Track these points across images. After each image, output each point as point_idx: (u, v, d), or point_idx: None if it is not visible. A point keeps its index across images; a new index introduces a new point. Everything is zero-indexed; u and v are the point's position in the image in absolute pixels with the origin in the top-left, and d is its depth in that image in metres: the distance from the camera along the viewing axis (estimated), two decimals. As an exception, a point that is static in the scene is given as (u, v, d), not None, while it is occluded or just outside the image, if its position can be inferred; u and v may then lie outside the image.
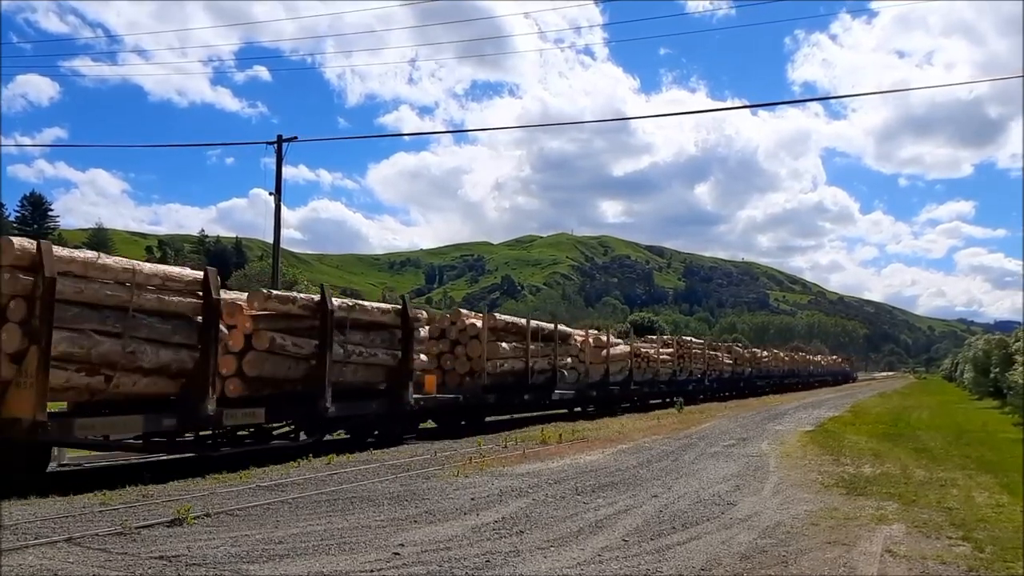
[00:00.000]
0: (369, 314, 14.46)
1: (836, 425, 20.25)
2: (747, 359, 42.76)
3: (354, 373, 13.91)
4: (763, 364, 46.13)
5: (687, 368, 32.43)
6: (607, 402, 25.04)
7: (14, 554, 6.15)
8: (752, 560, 6.32)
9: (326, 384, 12.82)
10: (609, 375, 24.85)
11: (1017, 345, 25.12)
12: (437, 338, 18.19)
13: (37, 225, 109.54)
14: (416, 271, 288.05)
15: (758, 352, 47.31)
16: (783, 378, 50.68)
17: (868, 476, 11.01)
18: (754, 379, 43.04)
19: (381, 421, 14.72)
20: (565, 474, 10.82)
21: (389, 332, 14.86)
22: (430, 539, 6.83)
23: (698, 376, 33.59)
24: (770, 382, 46.68)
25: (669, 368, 30.43)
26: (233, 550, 6.36)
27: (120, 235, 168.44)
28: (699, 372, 33.74)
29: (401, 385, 14.78)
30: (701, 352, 34.80)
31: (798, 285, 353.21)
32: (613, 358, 25.30)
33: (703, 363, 34.31)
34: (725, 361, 38.20)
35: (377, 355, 14.38)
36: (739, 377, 40.37)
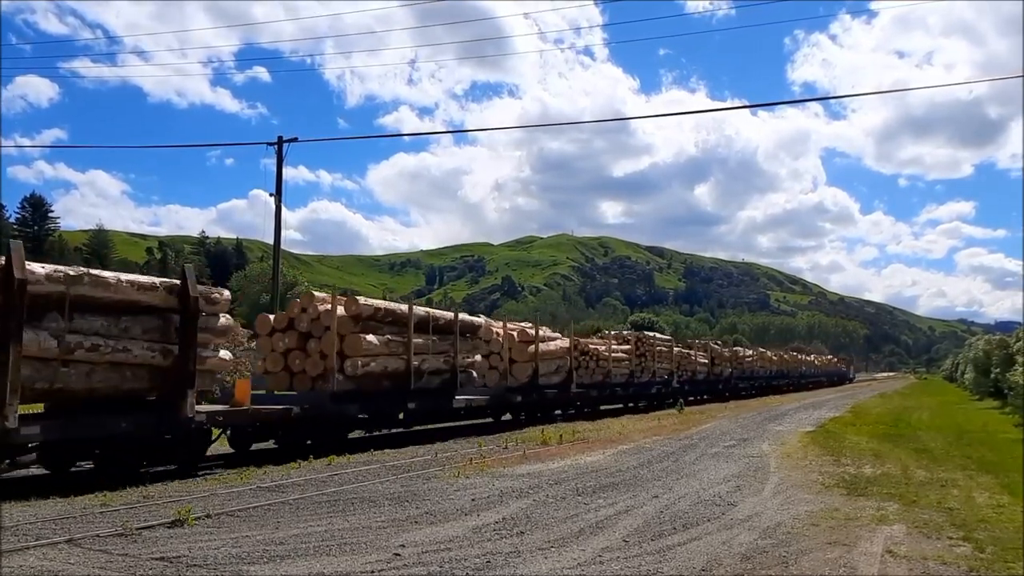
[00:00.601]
0: (114, 290, 10.10)
1: (837, 426, 20.25)
2: (727, 359, 39.21)
3: (87, 376, 9.79)
4: (747, 364, 42.80)
5: (650, 368, 28.67)
6: (538, 408, 21.57)
7: (15, 555, 6.15)
8: (753, 560, 6.31)
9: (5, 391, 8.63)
10: (539, 376, 20.92)
11: (1018, 345, 25.12)
12: (284, 330, 14.62)
13: (37, 226, 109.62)
14: (416, 272, 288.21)
15: (740, 351, 43.55)
16: (770, 379, 47.40)
17: (869, 477, 11.01)
18: (736, 381, 39.62)
19: (146, 444, 10.70)
20: (565, 475, 10.82)
21: (159, 318, 10.79)
22: (431, 540, 6.83)
23: (664, 377, 30.13)
24: (754, 384, 43.46)
25: (626, 368, 26.92)
26: (234, 551, 6.36)
27: (120, 236, 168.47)
28: (666, 373, 30.19)
29: (178, 393, 10.70)
30: (668, 350, 31.09)
31: (798, 286, 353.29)
32: (545, 355, 21.42)
33: (671, 362, 30.81)
34: (699, 360, 34.75)
35: (132, 350, 10.23)
36: (717, 378, 37.11)
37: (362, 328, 14.50)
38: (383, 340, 14.78)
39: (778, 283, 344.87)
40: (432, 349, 16.15)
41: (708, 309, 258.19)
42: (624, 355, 27.00)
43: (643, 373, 28.22)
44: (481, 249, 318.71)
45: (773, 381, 48.03)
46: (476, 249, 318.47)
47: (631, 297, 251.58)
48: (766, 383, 46.13)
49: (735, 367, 40.07)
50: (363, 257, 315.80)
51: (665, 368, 30.17)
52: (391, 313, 15.36)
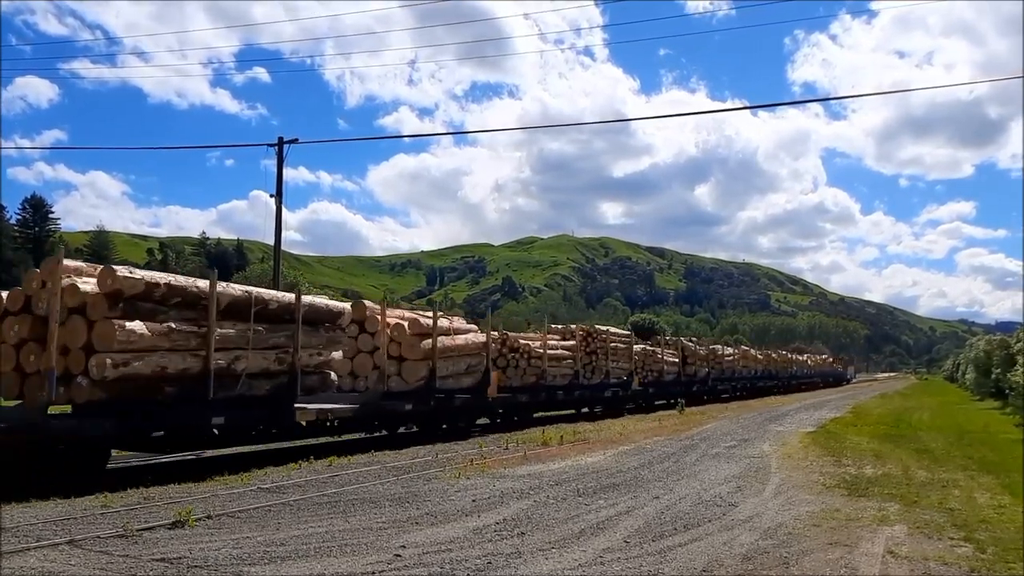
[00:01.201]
0: None
1: (837, 426, 20.24)
2: (703, 358, 35.09)
3: None
4: (727, 364, 38.50)
5: (602, 368, 24.64)
6: (442, 418, 16.81)
7: (15, 556, 6.15)
8: (754, 561, 6.31)
9: None
10: (435, 378, 15.94)
11: (1018, 346, 25.10)
12: (17, 313, 10.35)
13: (38, 228, 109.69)
14: (417, 273, 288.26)
15: (719, 349, 38.87)
16: (756, 381, 43.49)
17: (870, 477, 11.00)
18: (714, 383, 35.82)
19: None
20: (566, 475, 10.81)
21: None
22: (431, 541, 6.82)
23: (623, 378, 26.29)
24: (737, 386, 39.51)
25: (568, 368, 23.01)
26: (234, 552, 6.36)
27: (121, 237, 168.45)
28: (624, 373, 26.37)
29: None
30: (627, 347, 27.02)
31: (799, 286, 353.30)
32: (449, 352, 16.67)
33: (630, 361, 26.92)
34: (667, 360, 30.81)
35: None
36: (691, 380, 33.10)
37: (124, 312, 10.03)
38: (161, 329, 10.33)
39: (779, 283, 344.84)
40: (255, 343, 11.65)
41: (709, 309, 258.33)
42: (566, 353, 23.18)
43: (593, 374, 24.34)
44: (481, 250, 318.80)
45: (759, 383, 44.21)
46: (476, 250, 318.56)
47: (632, 298, 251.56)
48: (750, 385, 42.29)
49: (713, 367, 36.18)
50: (364, 258, 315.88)
51: (623, 368, 26.31)
52: (178, 291, 10.70)
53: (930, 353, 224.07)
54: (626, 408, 25.69)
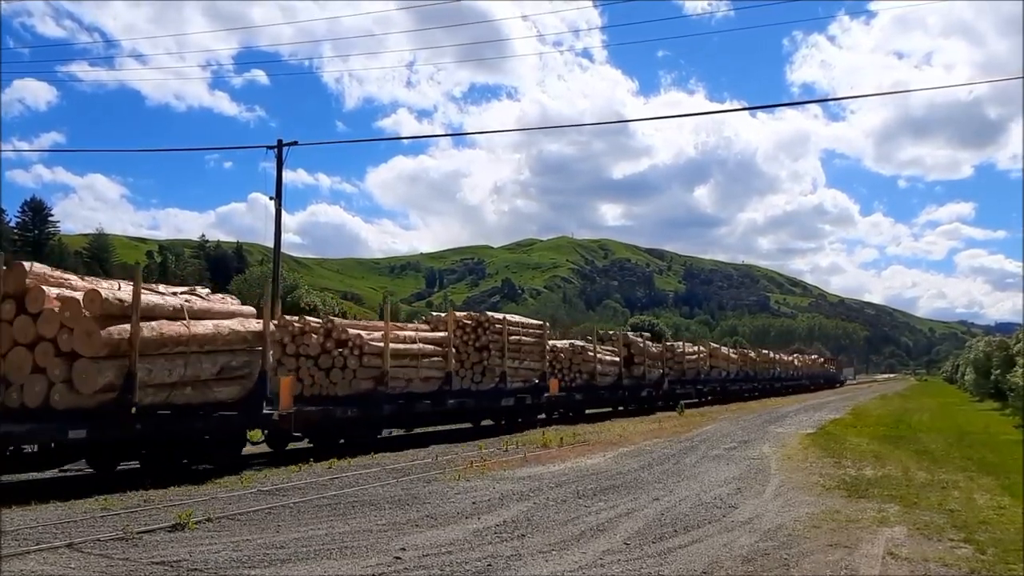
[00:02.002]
0: None
1: (837, 427, 20.24)
2: (656, 357, 29.54)
3: None
4: (689, 364, 33.08)
5: (495, 369, 18.80)
6: (159, 450, 11.02)
7: (15, 560, 6.14)
8: (754, 563, 6.31)
9: None
10: (135, 388, 10.03)
11: (1018, 347, 25.11)
12: None
13: (37, 231, 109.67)
14: (416, 275, 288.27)
15: (679, 346, 33.57)
16: (727, 383, 38.11)
17: (869, 478, 11.00)
18: (673, 386, 30.68)
19: None
20: (566, 477, 10.81)
21: None
22: (432, 543, 6.82)
23: (535, 382, 20.51)
24: (701, 390, 34.45)
25: (436, 370, 16.74)
26: (235, 555, 6.35)
27: (120, 240, 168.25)
28: (535, 376, 20.57)
29: None
30: (536, 343, 20.83)
31: (798, 287, 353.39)
32: (172, 344, 10.65)
33: (541, 361, 20.93)
34: (605, 359, 25.36)
35: None
36: (639, 384, 27.72)
37: None
38: None
39: (778, 285, 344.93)
40: None
41: (708, 311, 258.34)
42: (433, 348, 16.78)
43: (482, 377, 18.62)
44: (481, 252, 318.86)
45: (732, 386, 38.80)
46: (476, 252, 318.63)
47: (631, 299, 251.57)
48: (721, 388, 37.11)
49: (671, 367, 31.17)
50: (363, 260, 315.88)
51: (530, 369, 20.49)
52: None
53: (929, 354, 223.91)
54: (539, 420, 20.59)
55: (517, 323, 20.94)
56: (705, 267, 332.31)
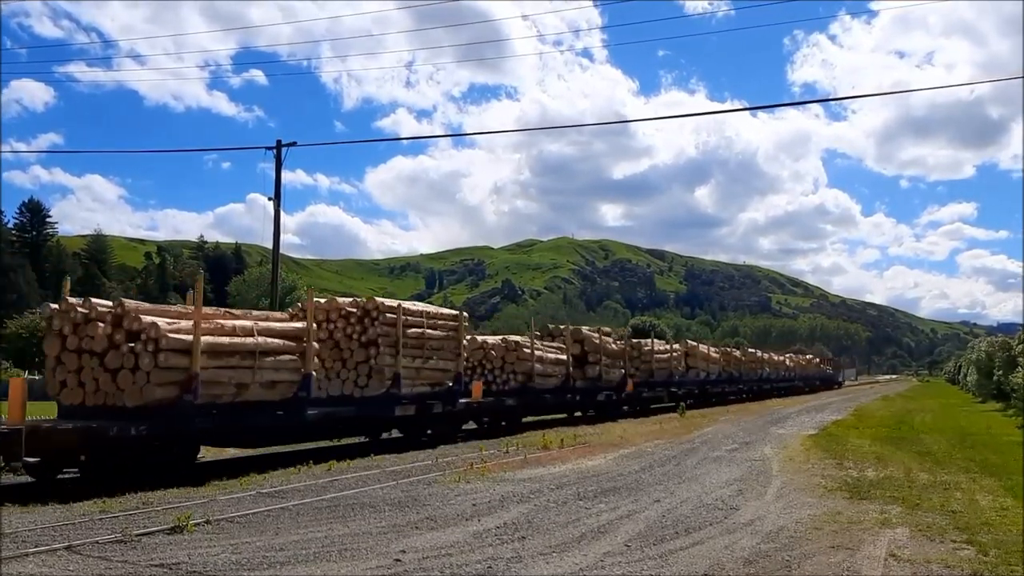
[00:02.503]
0: None
1: (839, 429, 20.22)
2: (615, 355, 25.36)
3: None
4: (659, 364, 28.98)
5: (385, 371, 15.11)
6: None
7: (13, 562, 6.12)
8: (755, 565, 6.28)
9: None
10: None
11: (1020, 347, 25.08)
12: None
13: (36, 232, 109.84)
14: (416, 276, 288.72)
15: (644, 343, 29.16)
16: (706, 386, 34.30)
17: (871, 480, 10.97)
18: (641, 389, 27.07)
19: None
20: (567, 479, 10.79)
21: None
22: (432, 545, 6.80)
23: (448, 385, 16.87)
24: (675, 393, 30.24)
25: (290, 372, 12.40)
26: (233, 557, 6.33)
27: (119, 241, 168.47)
28: (448, 379, 16.89)
29: None
30: (448, 338, 17.05)
31: (800, 288, 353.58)
32: None
33: (454, 360, 17.02)
34: (548, 357, 21.32)
35: None
36: (593, 387, 23.66)
37: None
38: None
39: (779, 285, 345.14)
40: None
41: (709, 312, 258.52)
42: (283, 343, 12.40)
43: (368, 380, 15.03)
44: (481, 252, 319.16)
45: (713, 388, 35.44)
46: (476, 252, 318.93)
47: (632, 300, 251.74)
48: (699, 391, 33.40)
49: (637, 368, 27.46)
50: (363, 261, 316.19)
51: (440, 370, 16.71)
52: None
53: (931, 355, 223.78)
54: (458, 431, 17.62)
55: (419, 312, 16.80)
56: (706, 268, 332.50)
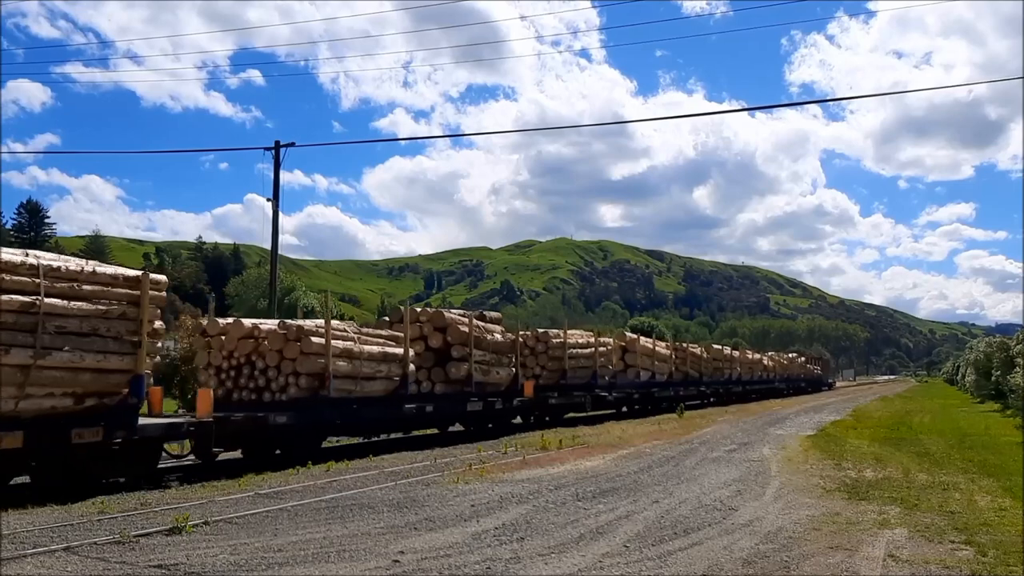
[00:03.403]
0: None
1: (837, 429, 20.22)
2: (505, 349, 19.20)
3: None
4: (577, 363, 22.93)
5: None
6: None
7: (12, 563, 6.12)
8: (754, 565, 6.28)
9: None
10: None
11: (1018, 348, 25.09)
12: None
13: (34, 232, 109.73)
14: (415, 277, 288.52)
15: (555, 336, 22.57)
16: (651, 389, 27.89)
17: (870, 480, 10.97)
18: (543, 395, 20.69)
19: None
20: (566, 480, 10.78)
21: None
22: (430, 546, 6.79)
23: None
24: (603, 398, 24.01)
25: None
26: (232, 558, 6.32)
27: (117, 242, 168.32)
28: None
29: None
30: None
31: (799, 289, 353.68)
32: None
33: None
34: (365, 353, 14.59)
35: None
36: (461, 393, 17.31)
37: None
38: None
39: (778, 286, 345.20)
40: None
41: (708, 313, 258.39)
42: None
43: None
44: (480, 253, 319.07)
45: (661, 392, 28.75)
46: (475, 253, 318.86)
47: (631, 301, 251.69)
48: (642, 396, 27.05)
49: (544, 367, 21.81)
50: (361, 262, 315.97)
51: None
52: None
53: (930, 356, 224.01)
54: None
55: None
56: (705, 268, 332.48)
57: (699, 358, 34.12)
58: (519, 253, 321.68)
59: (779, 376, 48.94)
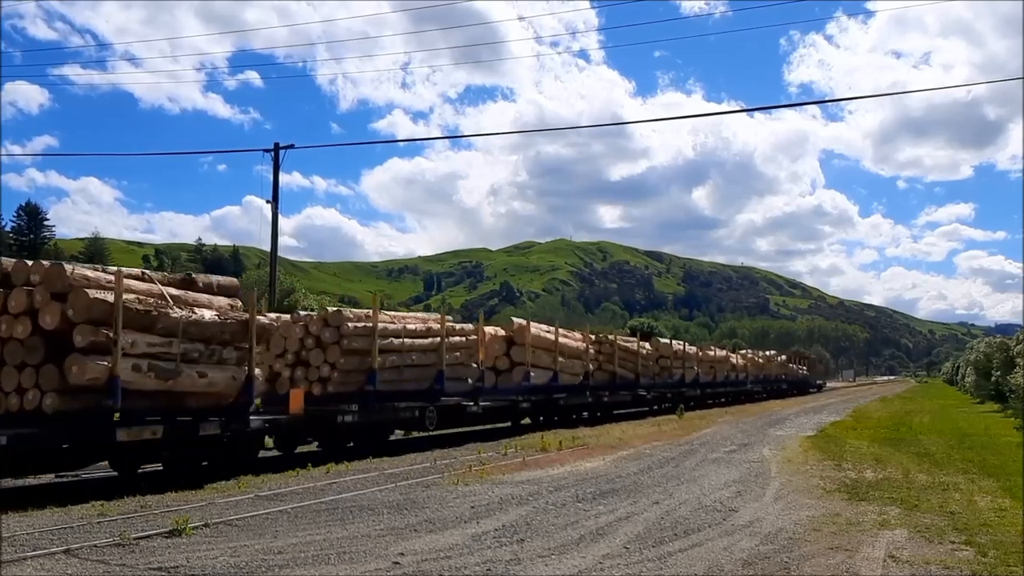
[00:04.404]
0: None
1: (837, 430, 20.23)
2: (312, 339, 14.81)
3: None
4: (412, 358, 15.91)
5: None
6: None
7: (12, 566, 6.11)
8: (754, 566, 6.28)
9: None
10: None
11: (1018, 348, 25.11)
12: None
13: (33, 235, 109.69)
14: (414, 278, 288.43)
15: (348, 318, 14.92)
16: (553, 393, 20.97)
17: (870, 481, 10.98)
18: (375, 400, 14.78)
19: None
20: (565, 481, 10.78)
21: None
22: (430, 548, 6.79)
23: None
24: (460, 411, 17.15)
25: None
26: (232, 560, 6.32)
27: (116, 244, 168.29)
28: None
29: None
30: None
31: (798, 289, 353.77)
32: None
33: None
34: None
35: None
36: None
37: None
38: None
39: (777, 287, 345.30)
40: None
41: (707, 313, 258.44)
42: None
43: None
44: (479, 255, 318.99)
45: (573, 398, 22.35)
46: (474, 255, 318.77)
47: (630, 302, 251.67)
48: (535, 404, 20.34)
49: (332, 367, 14.68)
50: (360, 264, 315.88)
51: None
52: None
53: (930, 356, 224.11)
54: None
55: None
56: (704, 269, 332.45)
57: (634, 354, 27.03)
58: (518, 254, 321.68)
59: (755, 377, 42.18)
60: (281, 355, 14.98)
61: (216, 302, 12.07)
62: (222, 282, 12.81)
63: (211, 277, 12.85)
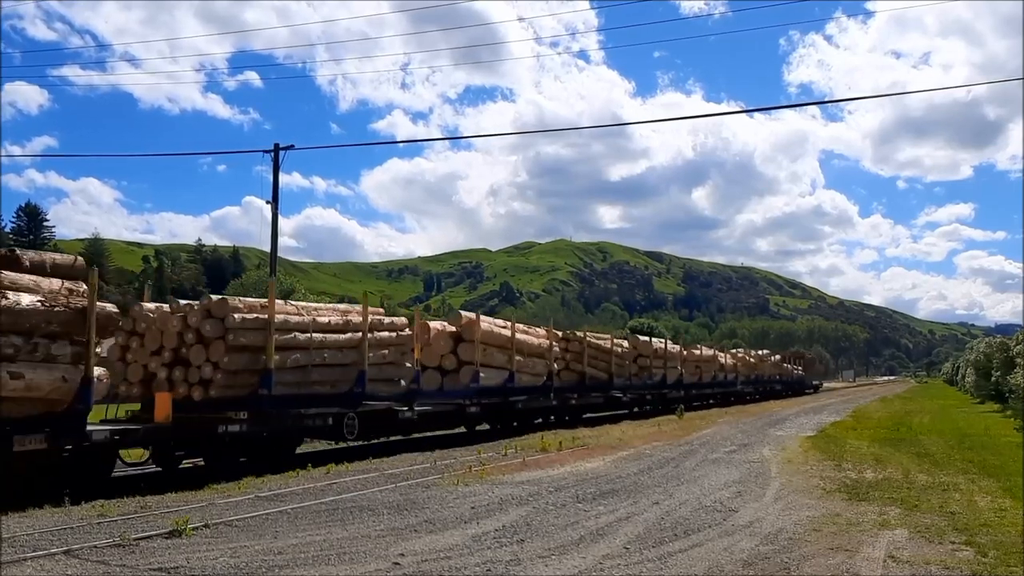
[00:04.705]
0: None
1: (837, 430, 20.23)
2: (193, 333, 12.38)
3: None
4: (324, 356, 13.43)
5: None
6: None
7: (12, 567, 6.11)
8: (754, 567, 6.28)
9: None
10: None
11: (1018, 348, 25.10)
12: None
13: (33, 236, 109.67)
14: (414, 279, 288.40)
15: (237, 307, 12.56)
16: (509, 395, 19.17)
17: (870, 481, 10.98)
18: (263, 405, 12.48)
19: None
20: (565, 482, 10.78)
21: None
22: (430, 548, 6.79)
23: None
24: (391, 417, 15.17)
25: None
26: (232, 561, 6.32)
27: (116, 245, 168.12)
28: None
29: None
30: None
31: (798, 290, 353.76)
32: None
33: None
34: None
35: None
36: None
37: None
38: None
39: (777, 287, 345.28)
40: None
41: (707, 314, 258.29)
42: None
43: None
44: (479, 255, 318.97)
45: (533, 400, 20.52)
46: (474, 255, 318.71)
47: (630, 303, 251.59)
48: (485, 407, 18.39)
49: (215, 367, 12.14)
50: (360, 264, 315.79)
51: None
52: None
53: (929, 356, 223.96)
54: None
55: None
56: (704, 269, 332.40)
57: (607, 352, 24.81)
58: (518, 255, 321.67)
59: (744, 378, 40.02)
60: (158, 352, 12.63)
61: (46, 285, 9.68)
62: (59, 260, 10.43)
63: (44, 255, 10.58)
